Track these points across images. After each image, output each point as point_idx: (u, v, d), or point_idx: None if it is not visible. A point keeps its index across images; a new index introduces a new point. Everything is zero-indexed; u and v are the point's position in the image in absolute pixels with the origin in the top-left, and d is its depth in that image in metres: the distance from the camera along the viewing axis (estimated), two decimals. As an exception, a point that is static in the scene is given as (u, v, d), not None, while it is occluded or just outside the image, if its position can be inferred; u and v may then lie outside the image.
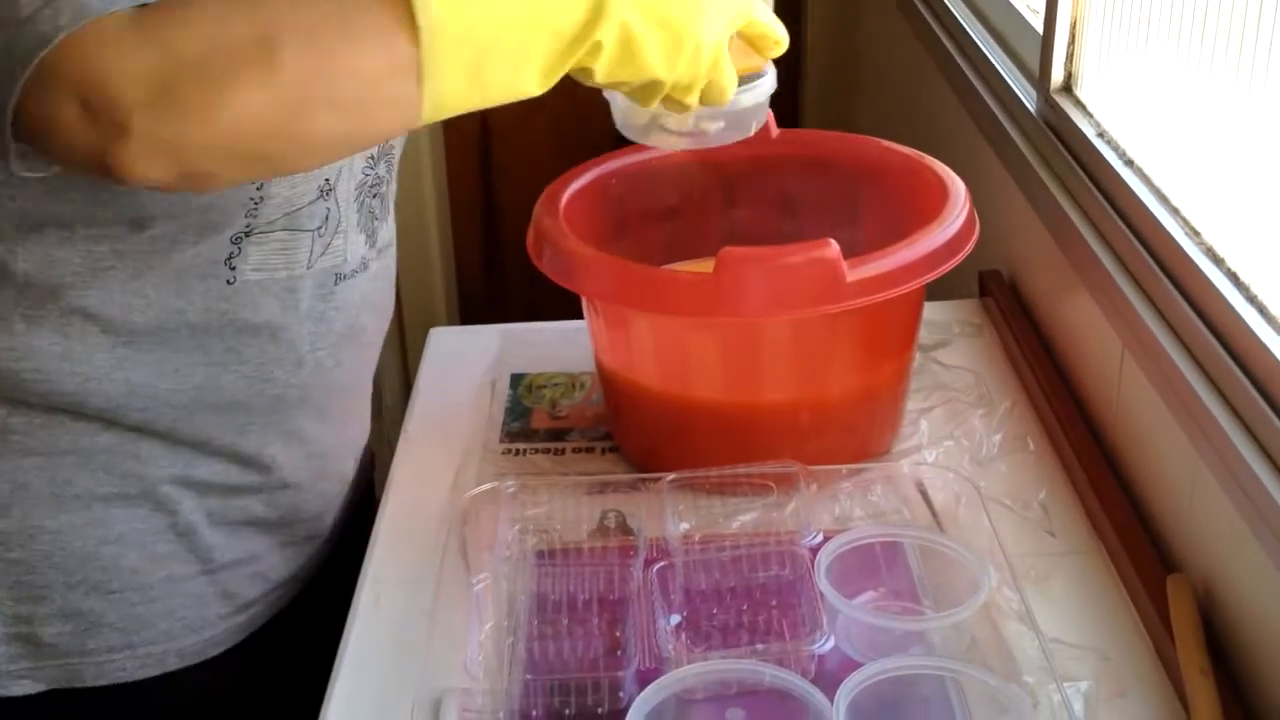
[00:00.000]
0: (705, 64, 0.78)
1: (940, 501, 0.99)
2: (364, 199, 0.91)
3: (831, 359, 1.01)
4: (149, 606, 0.90)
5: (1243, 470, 0.79)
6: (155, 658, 0.91)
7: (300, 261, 0.87)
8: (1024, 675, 0.82)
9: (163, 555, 0.89)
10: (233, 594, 0.94)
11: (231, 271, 0.85)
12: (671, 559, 0.91)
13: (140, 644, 0.90)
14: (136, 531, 0.88)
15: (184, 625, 0.91)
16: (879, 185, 1.12)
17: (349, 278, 0.92)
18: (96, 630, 0.89)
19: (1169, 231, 0.94)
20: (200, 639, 0.93)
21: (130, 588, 0.89)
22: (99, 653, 0.89)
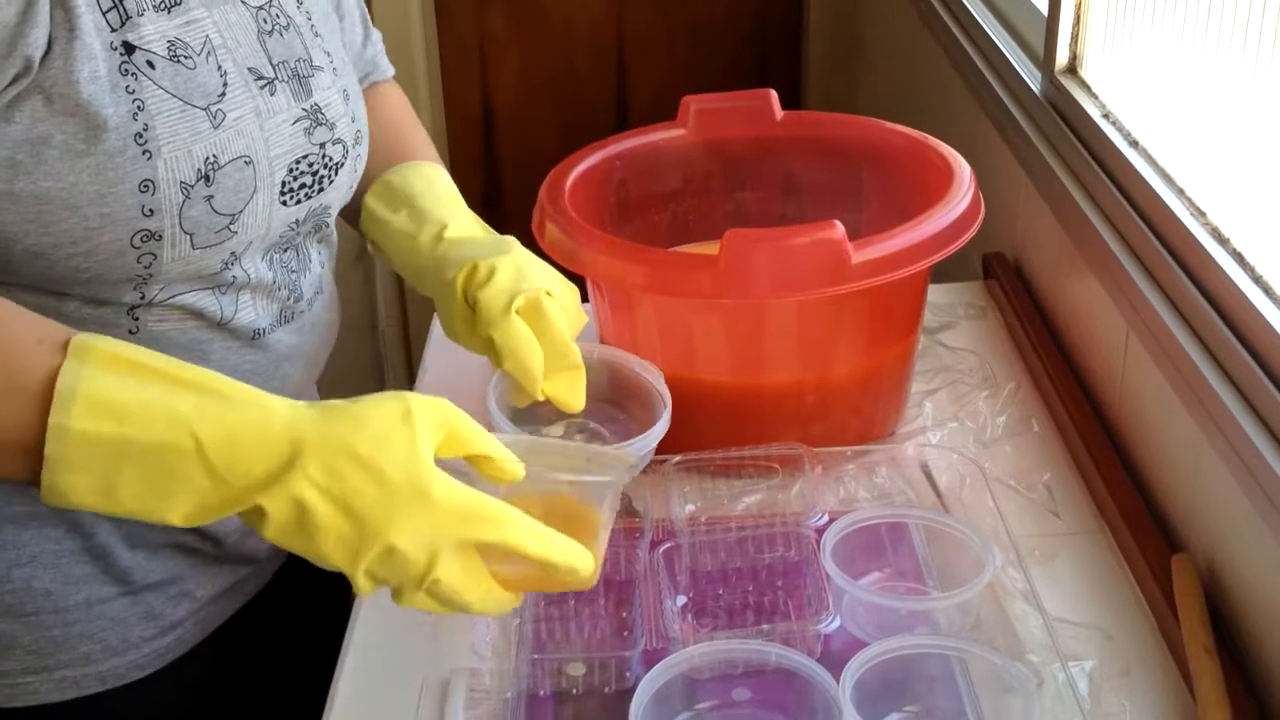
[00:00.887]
0: (411, 572, 0.65)
1: (945, 483, 0.99)
2: (273, 255, 0.86)
3: (836, 341, 1.01)
4: (66, 630, 0.86)
5: (1247, 450, 0.79)
6: (72, 681, 0.87)
7: (209, 318, 0.83)
8: (1029, 654, 0.83)
9: (79, 577, 0.85)
10: (157, 614, 0.89)
11: (135, 322, 0.81)
12: (677, 540, 0.91)
13: (56, 667, 0.86)
14: (50, 553, 0.84)
15: (104, 648, 0.87)
16: (883, 167, 1.12)
17: (269, 332, 0.87)
18: (9, 653, 0.85)
19: (1174, 212, 0.94)
20: (123, 662, 0.88)
21: (45, 610, 0.85)
22: (12, 675, 0.86)
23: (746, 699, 0.80)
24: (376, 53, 1.04)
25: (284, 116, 0.82)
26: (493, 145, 2.48)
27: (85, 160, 0.74)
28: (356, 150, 0.89)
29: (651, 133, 1.16)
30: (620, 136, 1.15)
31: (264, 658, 0.99)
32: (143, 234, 0.76)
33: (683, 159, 1.17)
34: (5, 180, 0.73)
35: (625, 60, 2.37)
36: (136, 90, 0.75)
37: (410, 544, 0.64)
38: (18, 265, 0.76)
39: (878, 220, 1.05)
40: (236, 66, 0.80)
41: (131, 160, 0.74)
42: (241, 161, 0.79)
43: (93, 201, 0.74)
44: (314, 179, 0.85)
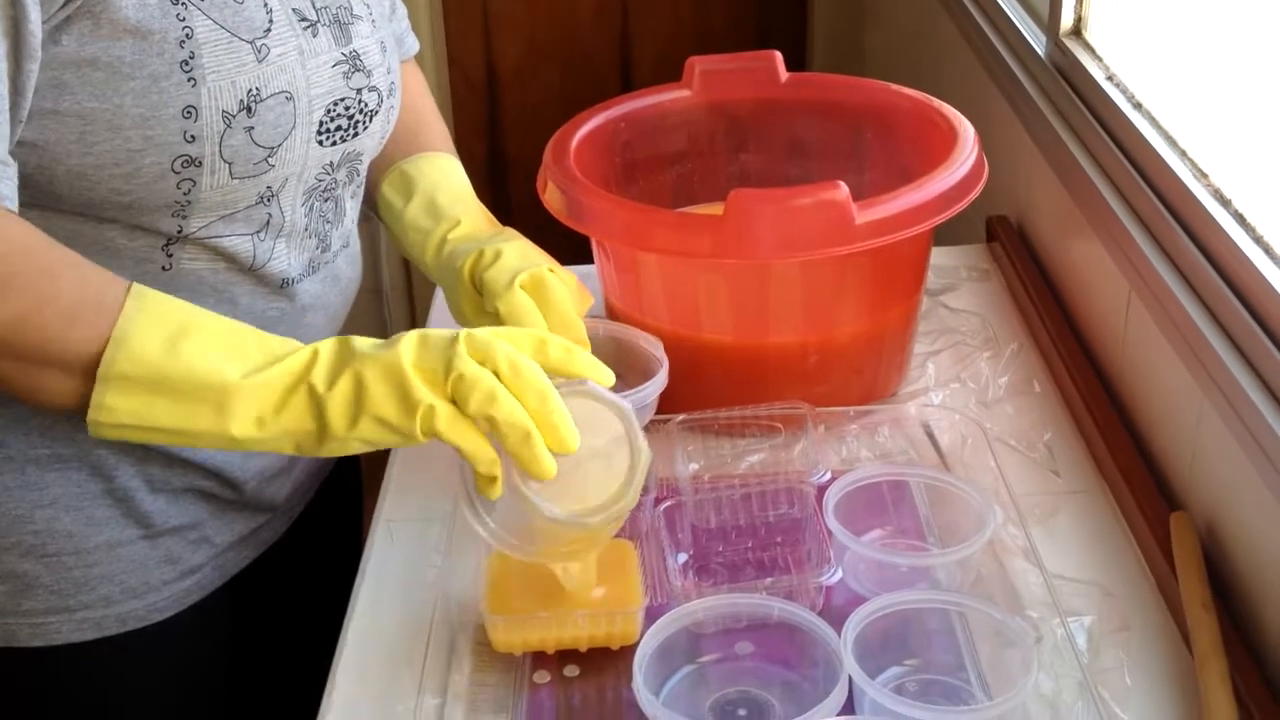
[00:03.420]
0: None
1: (946, 442, 1.00)
2: (314, 203, 0.88)
3: (840, 302, 1.01)
4: (87, 571, 0.88)
5: (1247, 409, 0.80)
6: (93, 622, 0.89)
7: (241, 262, 0.85)
8: (1028, 610, 0.84)
9: (100, 520, 0.87)
10: (176, 559, 0.91)
11: (168, 259, 0.83)
12: (680, 498, 0.92)
13: (78, 608, 0.88)
14: (72, 495, 0.86)
15: (124, 590, 0.89)
16: (887, 129, 1.12)
17: (296, 281, 0.89)
18: (32, 592, 0.87)
19: (1176, 174, 0.94)
20: (143, 604, 0.90)
21: (66, 551, 0.87)
22: (34, 614, 0.88)
23: (749, 652, 0.81)
24: (403, 29, 1.06)
25: (325, 58, 0.85)
26: (496, 108, 2.47)
27: (131, 83, 0.76)
28: (390, 101, 0.92)
29: (656, 94, 1.16)
30: (625, 98, 1.15)
31: (281, 605, 1.01)
32: (183, 159, 0.78)
33: (687, 120, 1.17)
34: (51, 99, 0.75)
35: (629, 22, 2.37)
36: (186, 18, 0.77)
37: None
38: (60, 188, 0.78)
39: (882, 182, 1.05)
40: (282, 6, 0.83)
41: (176, 85, 0.77)
42: (283, 96, 0.81)
43: (136, 124, 0.76)
44: (349, 122, 0.87)
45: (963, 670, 0.80)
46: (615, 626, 0.81)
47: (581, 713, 0.79)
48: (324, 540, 1.02)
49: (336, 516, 1.07)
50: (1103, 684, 0.79)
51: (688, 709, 0.77)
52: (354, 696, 0.82)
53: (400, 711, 0.80)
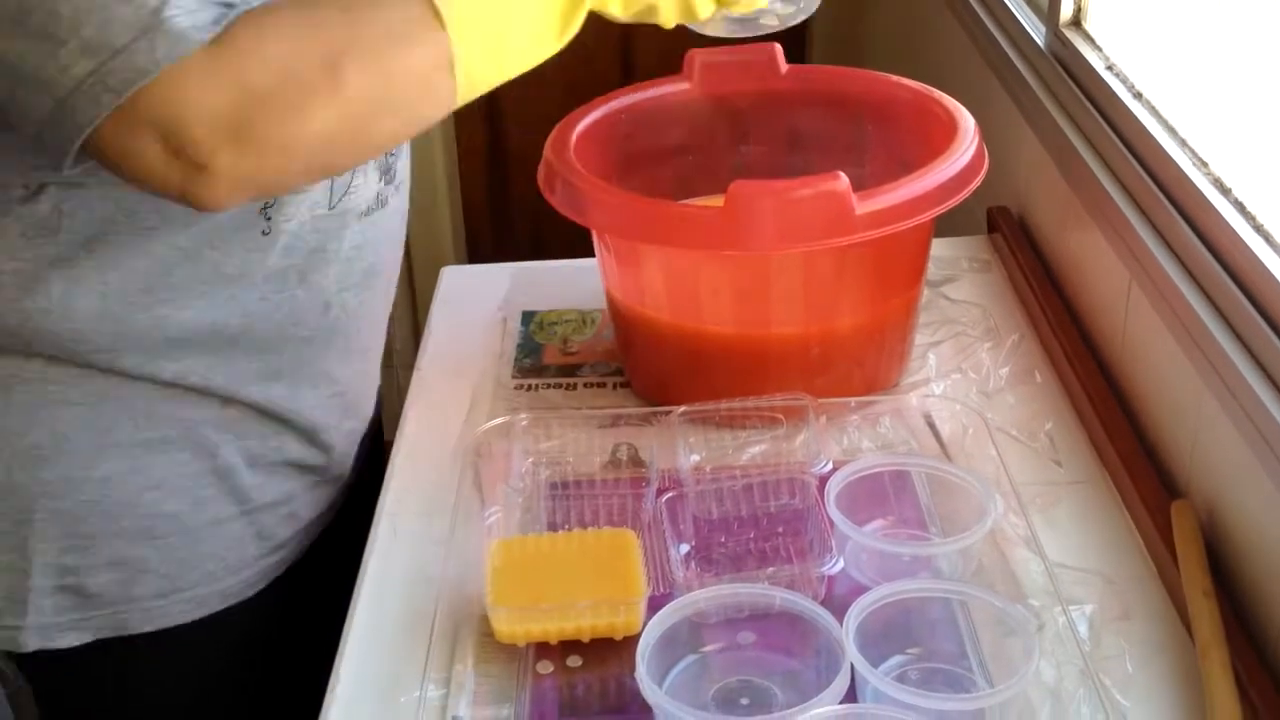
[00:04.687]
0: None
1: (948, 433, 1.01)
2: None
3: (841, 293, 1.02)
4: (192, 550, 0.91)
5: (1247, 397, 0.80)
6: (199, 600, 0.92)
7: (323, 203, 0.88)
8: (1029, 599, 0.84)
9: (204, 499, 0.90)
10: (268, 535, 0.96)
11: (267, 221, 0.85)
12: (682, 489, 0.92)
13: (186, 587, 0.91)
14: (178, 476, 0.89)
15: (224, 567, 0.93)
16: (887, 120, 1.12)
17: (368, 215, 0.93)
18: (142, 577, 0.90)
19: (1177, 163, 0.94)
20: (239, 580, 0.94)
21: (174, 532, 0.90)
22: (145, 599, 0.90)
23: (751, 642, 0.81)
24: None
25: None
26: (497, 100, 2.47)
27: None
28: None
29: (657, 87, 1.16)
30: (625, 91, 1.15)
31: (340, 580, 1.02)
32: None
33: (688, 113, 1.17)
34: None
35: (630, 16, 2.36)
36: None
37: None
38: None
39: (882, 173, 1.05)
40: None
41: None
42: None
43: None
44: None
45: (965, 659, 0.80)
46: (618, 617, 0.82)
47: (585, 703, 0.80)
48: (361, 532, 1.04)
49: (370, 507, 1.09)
50: (1104, 672, 0.79)
51: (690, 698, 0.77)
52: (358, 688, 0.82)
53: (404, 703, 0.80)
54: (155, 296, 0.84)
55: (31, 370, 0.84)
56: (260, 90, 0.70)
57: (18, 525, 0.87)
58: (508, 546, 0.87)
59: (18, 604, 0.88)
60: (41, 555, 0.88)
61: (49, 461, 0.86)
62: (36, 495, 0.86)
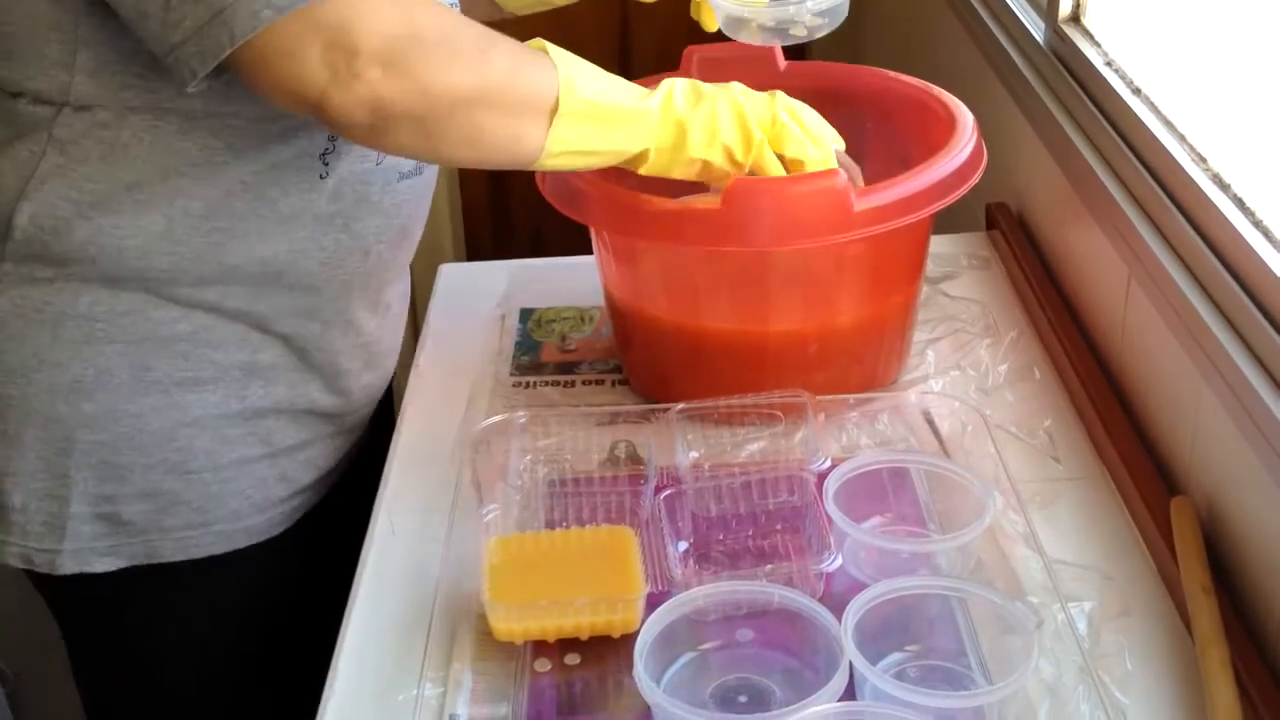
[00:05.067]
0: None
1: (947, 430, 1.00)
2: None
3: (839, 290, 1.01)
4: (222, 486, 0.96)
5: (1247, 394, 0.80)
6: (226, 535, 0.98)
7: (372, 157, 0.94)
8: (1029, 596, 0.84)
9: (233, 438, 0.96)
10: (290, 478, 1.01)
11: (325, 167, 0.92)
12: (681, 487, 0.92)
13: (214, 521, 0.97)
14: (211, 415, 0.95)
15: (250, 505, 0.98)
16: (886, 116, 1.12)
17: (408, 176, 0.98)
18: (174, 508, 0.95)
19: (1176, 159, 0.94)
20: (264, 519, 1.00)
21: (205, 468, 0.95)
22: (177, 530, 0.96)
23: (750, 639, 0.81)
24: None
25: None
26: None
27: None
28: None
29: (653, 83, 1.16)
30: (623, 87, 1.15)
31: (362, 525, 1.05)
32: None
33: (686, 110, 1.16)
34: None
35: (629, 11, 2.36)
36: None
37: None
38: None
39: (881, 170, 1.05)
40: None
41: None
42: None
43: None
44: None
45: (964, 656, 0.80)
46: (616, 614, 0.81)
47: (583, 700, 0.79)
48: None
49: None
50: (1103, 669, 0.79)
51: (689, 696, 0.77)
52: (355, 685, 0.82)
53: (401, 701, 0.80)
54: (215, 224, 0.90)
55: (80, 307, 0.90)
56: (426, 33, 0.81)
57: (59, 455, 0.93)
58: (505, 544, 0.87)
59: (57, 529, 0.94)
60: (80, 484, 0.93)
61: (90, 395, 0.92)
62: (77, 426, 0.92)
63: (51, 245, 0.89)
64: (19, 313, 0.91)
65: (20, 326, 0.91)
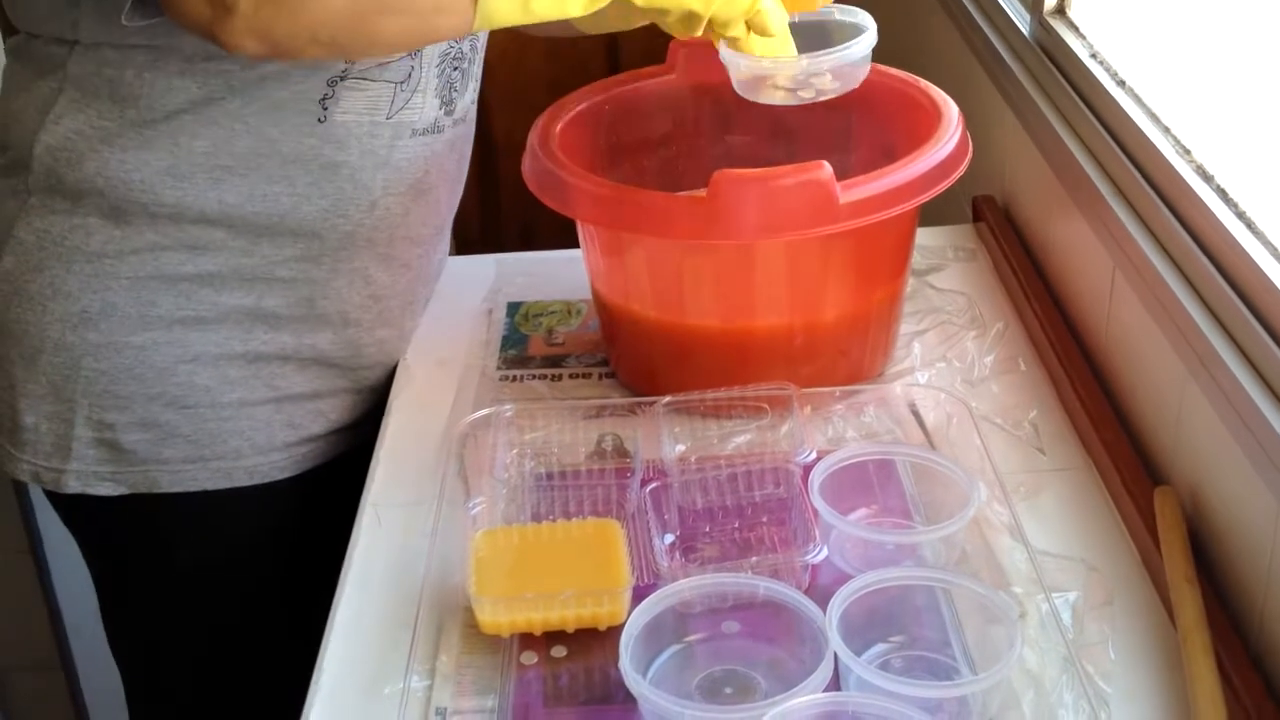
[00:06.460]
0: (743, 3, 0.88)
1: (932, 421, 1.01)
2: (445, 68, 1.00)
3: (825, 283, 1.01)
4: (221, 424, 0.99)
5: (1231, 385, 0.80)
6: (224, 472, 1.01)
7: (382, 110, 0.96)
8: (1013, 586, 0.84)
9: (234, 379, 0.99)
10: (297, 425, 1.03)
11: (324, 111, 0.94)
12: (667, 480, 0.92)
13: (212, 457, 1.00)
14: (211, 355, 0.98)
15: (251, 445, 1.01)
16: (871, 109, 1.12)
17: (422, 134, 1.00)
18: (172, 441, 0.99)
19: (1160, 151, 0.94)
20: (266, 461, 1.02)
21: (204, 405, 0.99)
22: (174, 462, 1.00)
23: (735, 631, 0.81)
24: None
25: None
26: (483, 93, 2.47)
27: None
28: None
29: (641, 78, 1.16)
30: (610, 81, 1.15)
31: None
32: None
33: (672, 103, 1.17)
34: None
35: (616, 8, 2.36)
36: None
37: None
38: None
39: (866, 162, 1.05)
40: None
41: None
42: None
43: None
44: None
45: (948, 646, 0.80)
46: (602, 607, 0.82)
47: (569, 693, 0.80)
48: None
49: None
50: (1087, 658, 0.79)
51: (675, 688, 0.77)
52: (341, 679, 0.82)
53: (388, 693, 0.80)
54: (217, 161, 0.93)
55: (94, 244, 0.95)
56: None
57: (66, 380, 0.97)
58: (492, 537, 0.87)
59: (62, 450, 0.99)
60: (83, 409, 0.98)
61: (95, 325, 0.96)
62: (81, 354, 0.97)
63: (65, 177, 0.93)
64: (40, 244, 0.95)
65: (41, 257, 0.96)
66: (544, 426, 1.01)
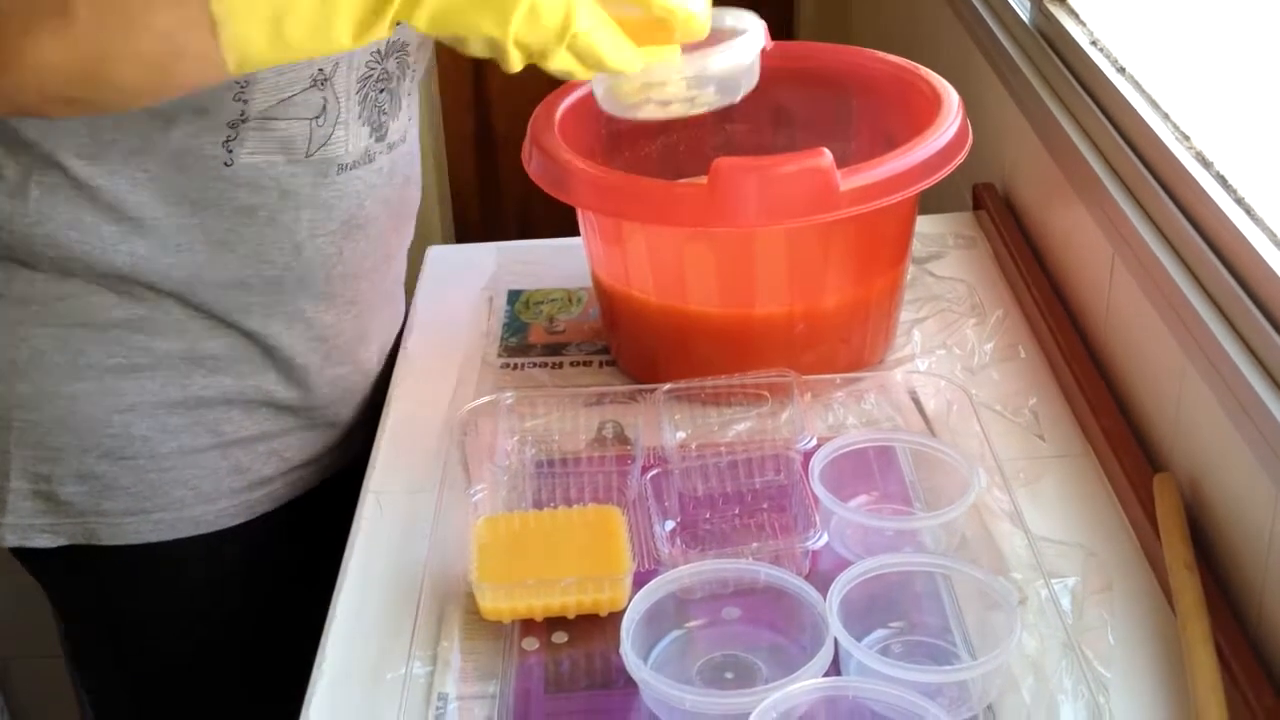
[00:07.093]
0: (550, 27, 0.72)
1: (932, 408, 1.01)
2: (368, 93, 0.93)
3: (826, 270, 1.02)
4: (162, 475, 0.95)
5: (1230, 371, 0.80)
6: (168, 524, 0.96)
7: (298, 149, 0.90)
8: (1013, 572, 0.84)
9: (174, 427, 0.94)
10: (246, 469, 0.98)
11: (229, 154, 0.88)
12: (667, 467, 0.93)
13: (154, 509, 0.95)
14: (148, 404, 0.93)
15: (196, 495, 0.96)
16: (872, 96, 1.12)
17: (351, 168, 0.94)
18: (111, 493, 0.94)
19: (1160, 138, 0.94)
20: (213, 509, 0.97)
21: (143, 455, 0.94)
22: (114, 514, 0.95)
23: (736, 617, 0.81)
24: None
25: None
26: (483, 84, 2.47)
27: None
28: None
29: (641, 65, 1.16)
30: (610, 68, 1.15)
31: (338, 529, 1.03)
32: None
33: (672, 91, 1.16)
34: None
35: None
36: None
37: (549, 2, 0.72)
38: None
39: (867, 150, 1.05)
40: None
41: None
42: None
43: None
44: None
45: (948, 632, 0.80)
46: (603, 593, 0.82)
47: (570, 678, 0.80)
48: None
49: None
50: (1086, 644, 0.80)
51: (675, 673, 0.77)
52: (344, 665, 0.83)
53: (390, 680, 0.81)
54: (124, 213, 0.88)
55: (16, 290, 0.90)
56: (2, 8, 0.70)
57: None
58: (493, 524, 0.87)
59: (0, 502, 0.95)
60: (18, 460, 0.94)
61: (24, 375, 0.92)
62: (12, 405, 0.93)
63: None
64: None
65: None
66: (545, 414, 1.01)
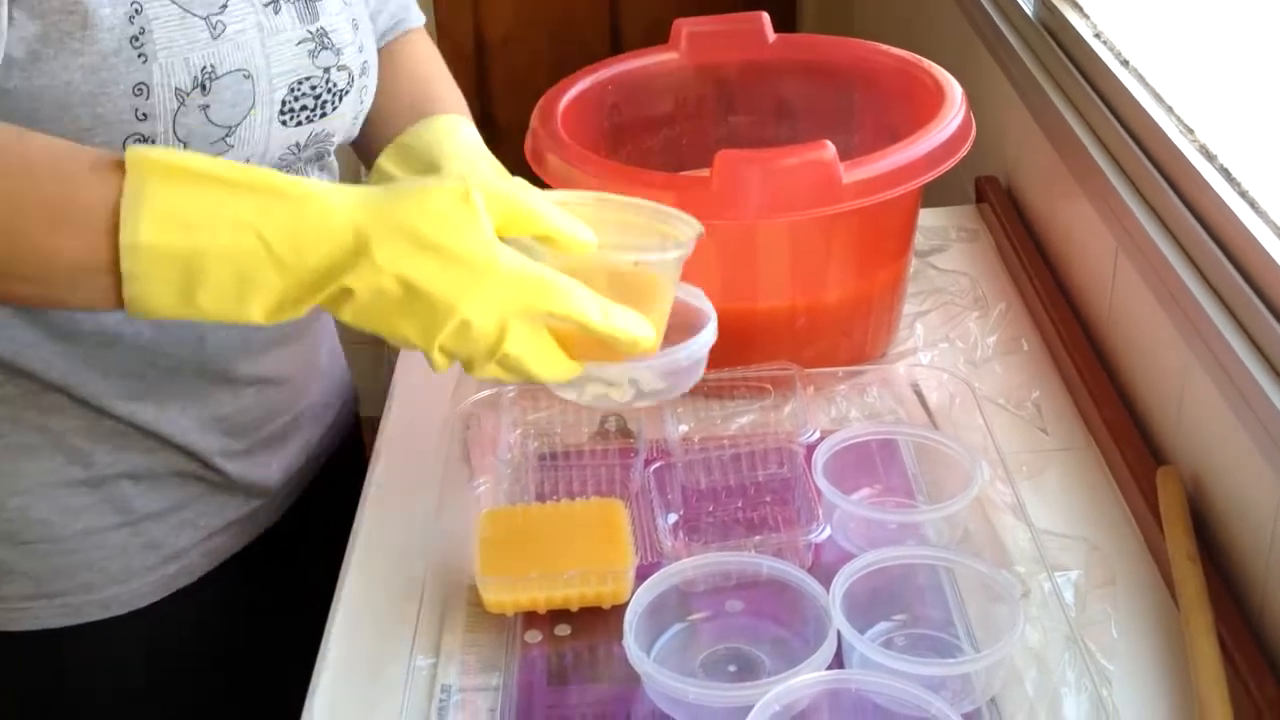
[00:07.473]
0: (481, 345, 0.68)
1: (935, 401, 1.01)
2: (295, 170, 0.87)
3: (828, 263, 1.02)
4: (66, 558, 0.87)
5: (1233, 363, 0.80)
6: (73, 608, 0.88)
7: None
8: (1015, 565, 0.84)
9: (77, 508, 0.87)
10: (159, 544, 0.90)
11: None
12: (670, 459, 0.93)
13: (57, 594, 0.88)
14: (47, 484, 0.86)
15: (106, 577, 0.89)
16: (875, 89, 1.12)
17: None
18: (9, 578, 0.87)
19: (1164, 130, 0.94)
20: (126, 589, 0.90)
21: (43, 539, 0.86)
22: (13, 600, 0.88)
23: (739, 610, 0.81)
24: (402, 4, 1.01)
25: (288, 36, 0.82)
26: (486, 76, 2.47)
27: (79, 60, 0.74)
28: (363, 80, 0.89)
29: (643, 57, 1.16)
30: (612, 61, 1.15)
31: (275, 590, 1.00)
32: (135, 138, 0.76)
33: (675, 83, 1.16)
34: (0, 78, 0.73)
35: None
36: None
37: (480, 317, 0.67)
38: None
39: (870, 142, 1.05)
40: None
41: (126, 62, 0.75)
42: (240, 75, 0.79)
43: (85, 101, 0.75)
44: (316, 102, 0.85)
45: (951, 625, 0.80)
46: (606, 586, 0.82)
47: (573, 671, 0.80)
48: (323, 525, 0.99)
49: (337, 500, 1.02)
50: (1089, 637, 0.80)
51: (678, 666, 0.77)
52: (347, 658, 0.83)
53: (393, 672, 0.81)
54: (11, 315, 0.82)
55: None
56: None
57: None
58: (496, 517, 0.87)
59: None
60: None
61: None
62: None
63: None
64: None
65: None
66: (547, 407, 1.01)
